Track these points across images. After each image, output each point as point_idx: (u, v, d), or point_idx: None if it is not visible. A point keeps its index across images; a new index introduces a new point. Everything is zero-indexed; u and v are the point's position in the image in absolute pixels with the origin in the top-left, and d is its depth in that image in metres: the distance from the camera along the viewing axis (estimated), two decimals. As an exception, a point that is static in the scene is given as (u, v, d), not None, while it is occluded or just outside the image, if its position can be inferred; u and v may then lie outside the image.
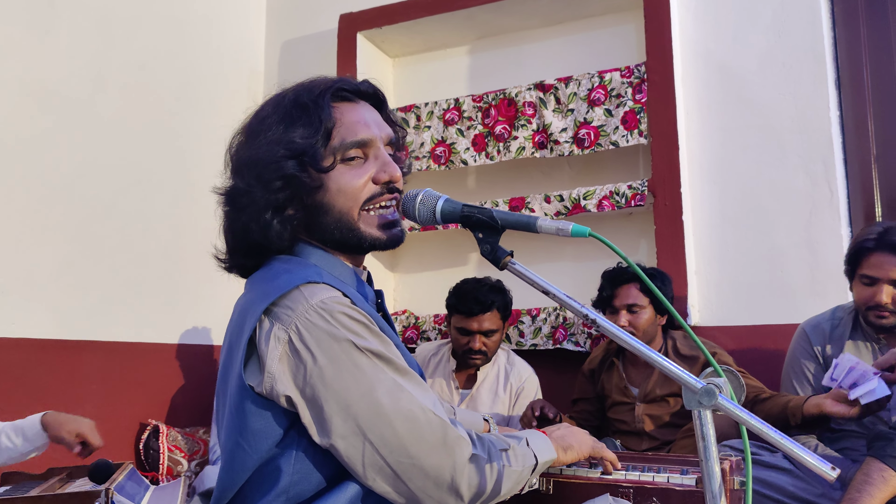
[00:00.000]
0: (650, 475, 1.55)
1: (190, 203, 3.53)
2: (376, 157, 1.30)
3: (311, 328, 1.15)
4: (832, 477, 0.95)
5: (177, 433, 3.19)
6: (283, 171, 1.23)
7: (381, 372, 1.16)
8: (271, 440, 1.18)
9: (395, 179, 1.30)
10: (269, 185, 1.24)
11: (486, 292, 2.88)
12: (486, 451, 1.22)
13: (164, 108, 3.48)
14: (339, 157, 1.27)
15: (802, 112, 3.05)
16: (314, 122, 1.25)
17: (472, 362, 2.93)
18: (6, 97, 2.80)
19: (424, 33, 3.75)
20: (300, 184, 1.24)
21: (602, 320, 1.10)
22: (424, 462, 1.15)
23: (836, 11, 3.13)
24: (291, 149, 1.24)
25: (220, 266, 1.38)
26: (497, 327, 2.91)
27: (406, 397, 1.16)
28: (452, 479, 1.15)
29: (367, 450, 1.14)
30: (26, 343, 2.79)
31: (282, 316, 1.16)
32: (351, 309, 1.18)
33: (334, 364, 1.14)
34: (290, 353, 1.15)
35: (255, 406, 1.17)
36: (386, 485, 1.15)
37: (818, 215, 2.99)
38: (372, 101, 1.37)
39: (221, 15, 3.89)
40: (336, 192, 1.26)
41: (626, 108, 3.23)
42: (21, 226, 2.82)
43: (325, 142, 1.26)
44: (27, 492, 1.89)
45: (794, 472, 2.28)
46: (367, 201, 1.28)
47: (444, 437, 1.16)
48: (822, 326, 2.54)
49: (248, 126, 1.33)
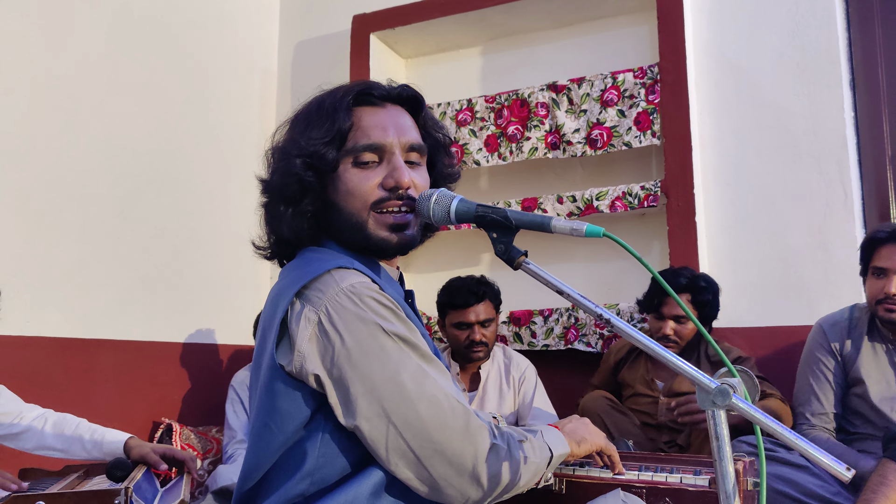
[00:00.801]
0: (663, 475, 1.55)
1: (203, 202, 3.55)
2: (389, 162, 1.31)
3: (340, 310, 1.17)
4: (847, 477, 0.94)
5: (190, 431, 3.21)
6: (292, 168, 1.29)
7: (407, 356, 1.18)
8: (298, 421, 1.20)
9: (402, 186, 1.29)
10: (283, 179, 1.30)
11: (475, 284, 2.96)
12: (505, 441, 1.23)
13: (178, 108, 3.50)
14: (350, 159, 1.30)
15: (816, 113, 3.04)
16: (328, 125, 1.29)
17: (476, 356, 2.95)
18: (21, 97, 2.82)
19: (437, 34, 3.76)
20: (306, 182, 1.29)
21: (616, 320, 1.10)
22: (447, 448, 1.16)
23: (851, 12, 3.11)
24: (300, 149, 1.29)
25: (259, 254, 1.41)
26: (492, 317, 2.97)
27: (431, 383, 1.18)
28: (474, 468, 1.16)
29: (390, 433, 1.15)
30: (41, 341, 2.82)
31: (312, 298, 1.19)
32: (379, 294, 1.21)
33: (361, 346, 1.16)
34: (319, 333, 1.18)
35: (285, 385, 1.20)
36: (408, 470, 1.16)
37: (832, 216, 2.98)
38: (409, 106, 1.38)
39: (235, 15, 3.91)
40: (345, 193, 1.30)
41: (639, 109, 3.22)
42: (36, 225, 2.84)
43: (340, 144, 1.30)
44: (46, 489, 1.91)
45: (811, 468, 2.27)
46: (376, 204, 1.29)
47: (466, 424, 1.18)
48: (840, 324, 2.52)
49: (289, 122, 1.39)
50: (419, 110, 1.40)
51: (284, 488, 1.20)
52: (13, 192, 2.77)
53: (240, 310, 3.69)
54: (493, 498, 1.21)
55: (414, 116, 1.39)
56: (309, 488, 1.20)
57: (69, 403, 2.55)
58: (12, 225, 2.76)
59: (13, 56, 2.80)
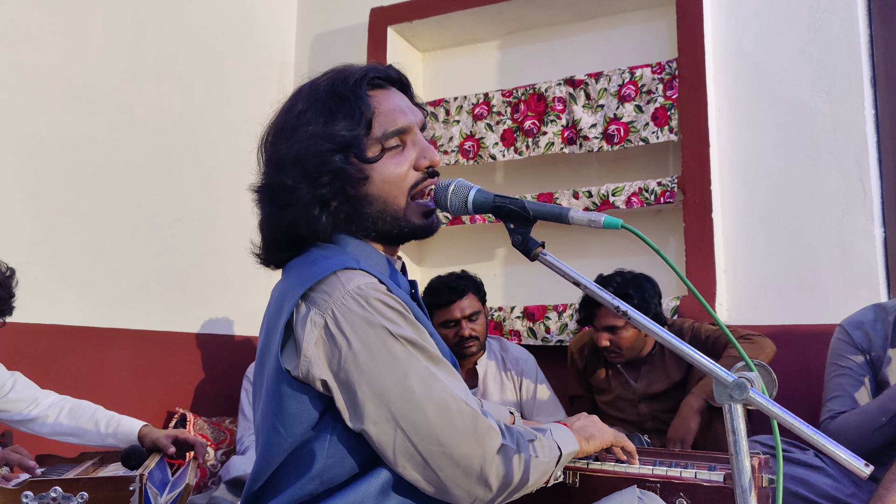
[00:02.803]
0: (677, 470, 1.54)
1: (219, 194, 3.57)
2: (414, 143, 1.30)
3: (347, 313, 1.15)
4: (865, 474, 0.93)
5: (203, 422, 3.23)
6: (331, 165, 1.23)
7: (415, 360, 1.16)
8: (306, 423, 1.19)
9: (435, 163, 1.30)
10: (316, 180, 1.24)
11: (455, 280, 2.91)
12: (514, 441, 1.22)
13: (196, 100, 3.51)
14: (379, 146, 1.27)
15: (836, 110, 3.01)
16: (355, 114, 1.25)
17: (468, 351, 2.89)
18: (40, 90, 2.84)
19: (455, 28, 3.75)
20: (347, 176, 1.24)
21: (633, 312, 1.09)
22: (455, 451, 1.15)
23: (873, 8, 3.08)
24: (336, 142, 1.24)
25: (257, 261, 1.37)
26: (478, 309, 2.91)
27: (438, 386, 1.16)
28: (482, 469, 1.15)
29: (398, 436, 1.14)
30: (57, 330, 2.84)
31: (318, 301, 1.17)
32: (386, 296, 1.18)
33: (369, 350, 1.14)
34: (325, 337, 1.16)
35: (292, 389, 1.18)
36: (416, 472, 1.16)
37: (851, 215, 2.95)
38: (398, 85, 1.37)
39: (253, 8, 3.92)
40: (381, 183, 1.27)
41: (657, 105, 3.21)
42: (53, 215, 2.86)
43: (367, 132, 1.26)
44: (62, 474, 1.92)
45: (826, 469, 2.25)
46: (413, 188, 1.28)
47: (474, 426, 1.17)
48: (864, 326, 2.38)
49: (283, 121, 1.31)
50: (408, 89, 1.39)
51: (294, 488, 1.19)
52: (31, 182, 2.79)
53: (255, 300, 3.70)
54: (503, 498, 1.20)
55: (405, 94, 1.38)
56: (318, 488, 1.19)
57: (84, 392, 2.56)
58: (30, 214, 2.78)
59: (32, 47, 2.82)
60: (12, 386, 2.25)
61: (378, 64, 1.36)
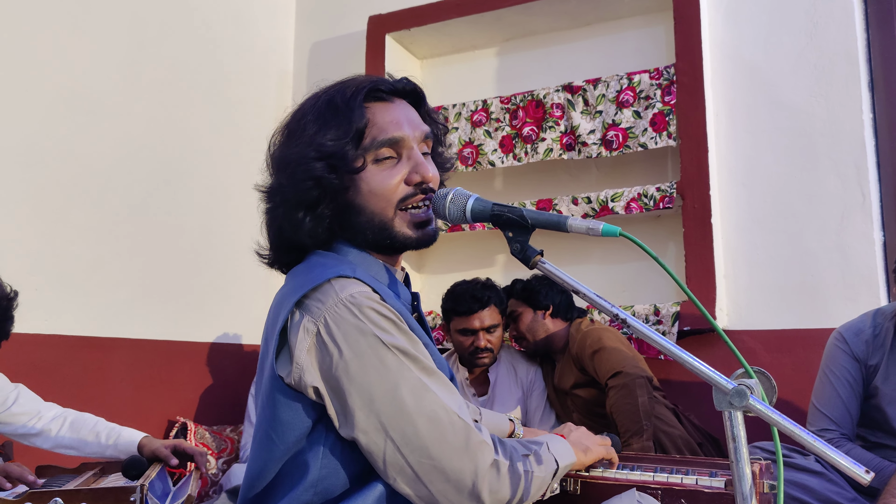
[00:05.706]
0: (678, 477, 1.54)
1: (219, 202, 3.57)
2: (409, 157, 1.29)
3: (340, 321, 1.15)
4: (866, 480, 0.93)
5: (204, 430, 3.22)
6: (313, 172, 1.24)
7: (407, 370, 1.15)
8: (299, 432, 1.18)
9: (428, 180, 1.29)
10: (299, 184, 1.25)
11: (480, 289, 2.91)
12: (508, 456, 1.21)
13: (194, 107, 3.52)
14: (370, 157, 1.27)
15: (834, 114, 3.01)
16: (344, 124, 1.25)
17: (481, 362, 2.93)
18: (39, 97, 2.84)
19: (453, 35, 3.76)
20: (329, 185, 1.25)
21: (632, 320, 1.09)
22: (446, 465, 1.14)
23: (870, 12, 3.09)
24: (321, 151, 1.24)
25: (262, 261, 1.38)
26: (498, 322, 2.93)
27: (430, 397, 1.15)
28: (474, 485, 1.14)
29: (388, 447, 1.14)
30: (58, 340, 2.84)
31: (312, 308, 1.17)
32: (380, 305, 1.18)
33: (360, 358, 1.14)
34: (317, 345, 1.15)
35: (285, 397, 1.17)
36: (406, 486, 1.15)
37: (850, 219, 2.95)
38: (410, 98, 1.37)
39: (251, 16, 3.93)
40: (368, 193, 1.27)
41: (655, 110, 3.21)
42: (54, 225, 2.86)
43: (357, 142, 1.26)
44: (63, 485, 1.92)
45: (827, 474, 2.24)
46: (401, 201, 1.28)
47: (466, 440, 1.15)
48: (864, 333, 2.36)
49: (287, 125, 1.34)
50: (421, 102, 1.39)
51: (289, 497, 1.18)
52: (31, 192, 2.79)
53: (255, 310, 3.70)
54: None
55: (417, 109, 1.37)
56: (313, 499, 1.18)
57: (85, 401, 2.56)
58: (30, 224, 2.78)
59: (32, 57, 2.82)
60: (15, 399, 2.25)
61: (387, 77, 1.36)
